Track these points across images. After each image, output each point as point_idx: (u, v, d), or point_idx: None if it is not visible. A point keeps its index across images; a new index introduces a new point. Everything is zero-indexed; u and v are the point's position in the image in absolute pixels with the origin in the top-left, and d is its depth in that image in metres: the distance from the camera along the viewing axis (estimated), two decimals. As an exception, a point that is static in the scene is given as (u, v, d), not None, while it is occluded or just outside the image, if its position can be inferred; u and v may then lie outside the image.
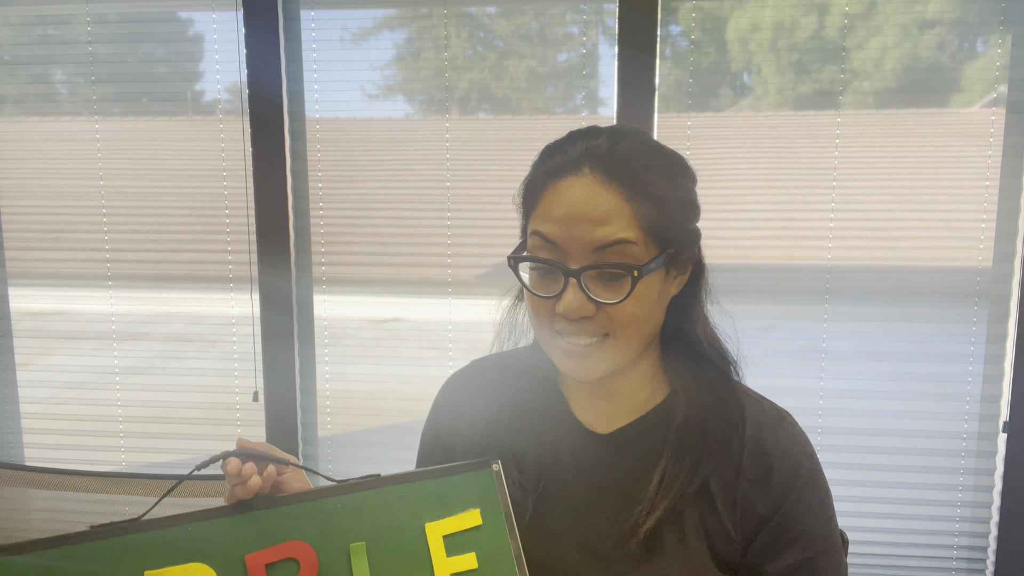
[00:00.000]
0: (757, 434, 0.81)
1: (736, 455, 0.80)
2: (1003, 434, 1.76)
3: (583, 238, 0.74)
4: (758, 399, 0.85)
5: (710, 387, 0.83)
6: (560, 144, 0.81)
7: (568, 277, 0.75)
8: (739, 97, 1.78)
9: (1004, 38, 1.67)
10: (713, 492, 0.79)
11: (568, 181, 0.76)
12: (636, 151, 0.77)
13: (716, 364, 0.84)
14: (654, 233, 0.76)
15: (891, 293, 1.77)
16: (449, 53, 1.82)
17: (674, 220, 0.77)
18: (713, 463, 0.80)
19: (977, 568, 1.82)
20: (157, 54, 1.91)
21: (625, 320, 0.76)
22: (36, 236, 2.01)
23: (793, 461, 0.80)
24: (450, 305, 1.90)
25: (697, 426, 0.81)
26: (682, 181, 0.80)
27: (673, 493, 0.78)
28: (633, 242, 0.74)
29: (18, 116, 1.97)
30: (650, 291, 0.77)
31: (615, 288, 0.75)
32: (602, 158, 0.76)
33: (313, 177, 1.91)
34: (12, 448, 2.06)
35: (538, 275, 0.79)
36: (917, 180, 1.74)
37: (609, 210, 0.74)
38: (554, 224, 0.76)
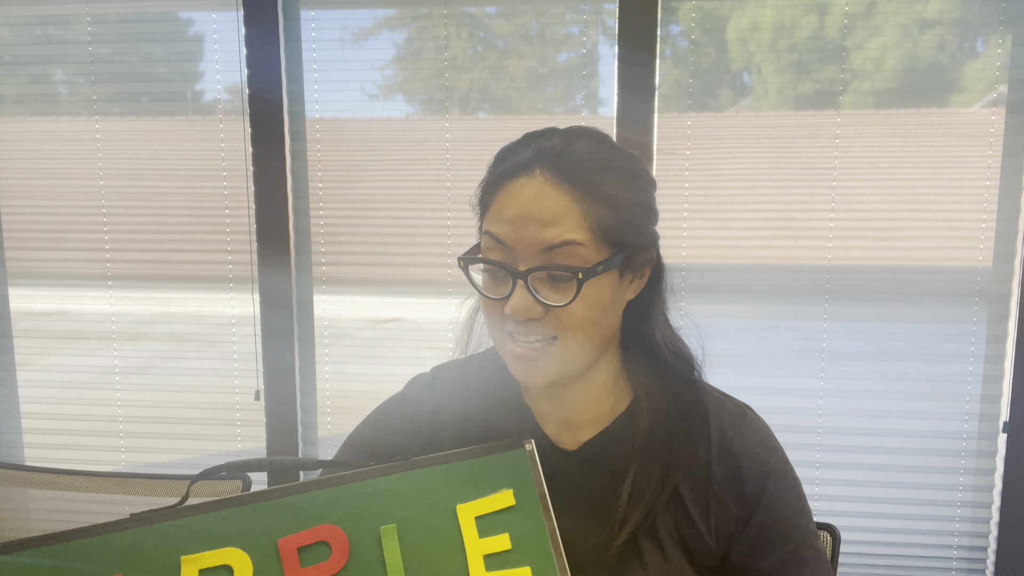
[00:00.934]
0: (722, 436, 0.81)
1: (704, 459, 0.80)
2: (1003, 434, 1.76)
3: (531, 239, 0.74)
4: (719, 398, 0.85)
5: (673, 392, 0.82)
6: (515, 145, 0.80)
7: (516, 279, 0.74)
8: (739, 97, 1.78)
9: (1004, 38, 1.67)
10: (685, 498, 0.79)
11: (520, 182, 0.76)
12: (590, 152, 0.77)
13: (677, 368, 0.83)
14: (605, 235, 0.75)
15: (891, 293, 1.77)
16: (449, 53, 1.82)
17: (627, 223, 0.76)
18: (682, 470, 0.79)
19: (977, 568, 1.82)
20: (157, 54, 1.91)
21: (574, 322, 0.75)
22: (36, 236, 2.01)
23: (761, 460, 0.80)
24: (450, 305, 1.90)
25: (662, 433, 0.80)
26: (638, 183, 0.79)
27: (644, 503, 0.78)
28: (581, 243, 0.73)
29: (18, 116, 1.97)
30: (600, 294, 0.76)
31: (563, 290, 0.74)
32: (554, 158, 0.75)
33: (313, 177, 1.91)
34: (12, 448, 2.06)
35: (489, 276, 0.78)
36: (917, 180, 1.74)
37: (558, 211, 0.73)
38: (504, 225, 0.75)
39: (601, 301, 0.76)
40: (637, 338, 0.83)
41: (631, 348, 0.84)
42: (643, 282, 0.82)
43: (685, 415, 0.81)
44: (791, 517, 0.80)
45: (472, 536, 0.68)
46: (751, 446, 0.81)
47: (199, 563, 0.65)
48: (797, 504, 0.81)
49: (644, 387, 0.83)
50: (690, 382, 0.84)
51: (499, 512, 0.69)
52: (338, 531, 0.67)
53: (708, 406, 0.83)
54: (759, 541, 0.79)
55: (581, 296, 0.73)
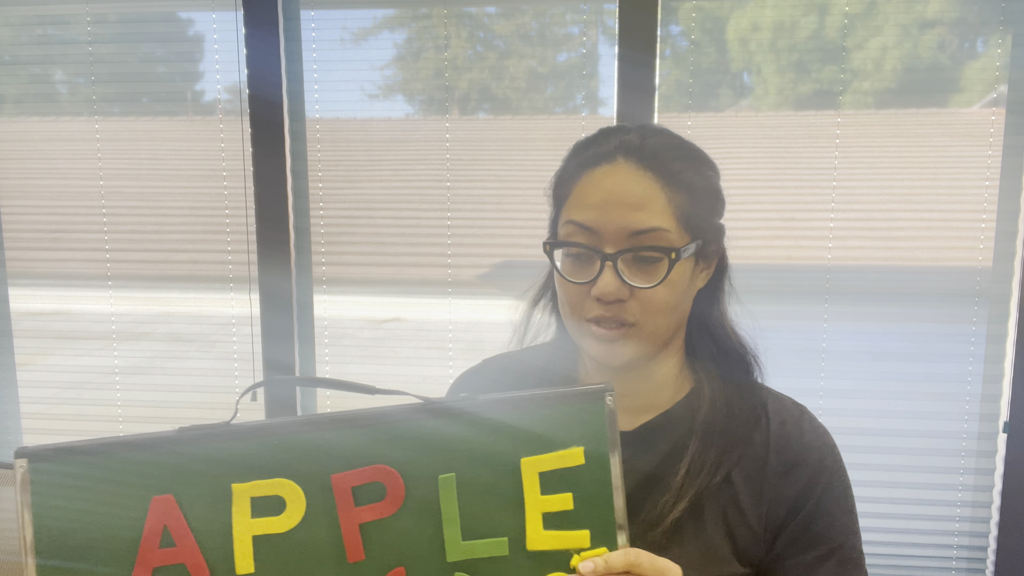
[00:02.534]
0: (781, 429, 0.83)
1: (761, 450, 0.82)
2: (1003, 434, 1.76)
3: (619, 223, 0.76)
4: (778, 395, 0.87)
5: (734, 382, 0.85)
6: (593, 138, 0.83)
7: (604, 261, 0.76)
8: (739, 97, 1.78)
9: (1004, 38, 1.67)
10: (736, 485, 0.81)
11: (603, 169, 0.78)
12: (666, 144, 0.80)
13: (739, 359, 0.86)
14: (686, 222, 0.77)
15: (891, 293, 1.77)
16: (449, 53, 1.82)
17: (704, 209, 0.80)
18: (736, 456, 0.81)
19: (977, 568, 1.82)
20: (157, 54, 1.91)
21: (655, 307, 0.77)
22: (36, 236, 2.01)
23: (818, 453, 0.82)
24: (450, 305, 1.90)
25: (721, 418, 0.82)
26: (709, 173, 0.82)
27: (699, 483, 0.79)
28: (667, 230, 0.76)
29: (18, 116, 1.97)
30: (681, 279, 0.78)
31: (650, 272, 0.76)
32: (635, 149, 0.78)
33: (313, 177, 1.91)
34: (12, 448, 2.06)
35: (572, 262, 0.80)
36: (917, 180, 1.74)
37: (645, 196, 0.76)
38: (590, 210, 0.77)
39: (681, 286, 0.79)
40: (704, 327, 0.86)
41: (697, 336, 0.86)
42: (711, 272, 0.84)
43: (744, 404, 0.83)
44: (840, 515, 0.81)
45: (534, 492, 0.65)
46: (809, 440, 0.83)
47: (251, 492, 0.63)
48: (846, 503, 0.82)
49: (706, 374, 0.85)
50: (749, 374, 0.86)
51: (566, 469, 0.65)
52: (395, 474, 0.64)
53: (767, 398, 0.85)
54: (805, 533, 0.80)
55: (666, 280, 0.76)
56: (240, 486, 0.63)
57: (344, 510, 0.64)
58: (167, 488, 0.63)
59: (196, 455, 0.63)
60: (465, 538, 0.64)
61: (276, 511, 0.64)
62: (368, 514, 0.64)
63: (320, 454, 0.64)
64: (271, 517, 0.64)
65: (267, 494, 0.64)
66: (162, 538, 0.62)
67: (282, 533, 0.63)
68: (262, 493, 0.64)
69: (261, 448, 0.64)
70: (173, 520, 0.63)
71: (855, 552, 0.82)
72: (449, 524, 0.64)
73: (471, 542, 0.64)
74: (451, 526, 0.64)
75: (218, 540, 0.63)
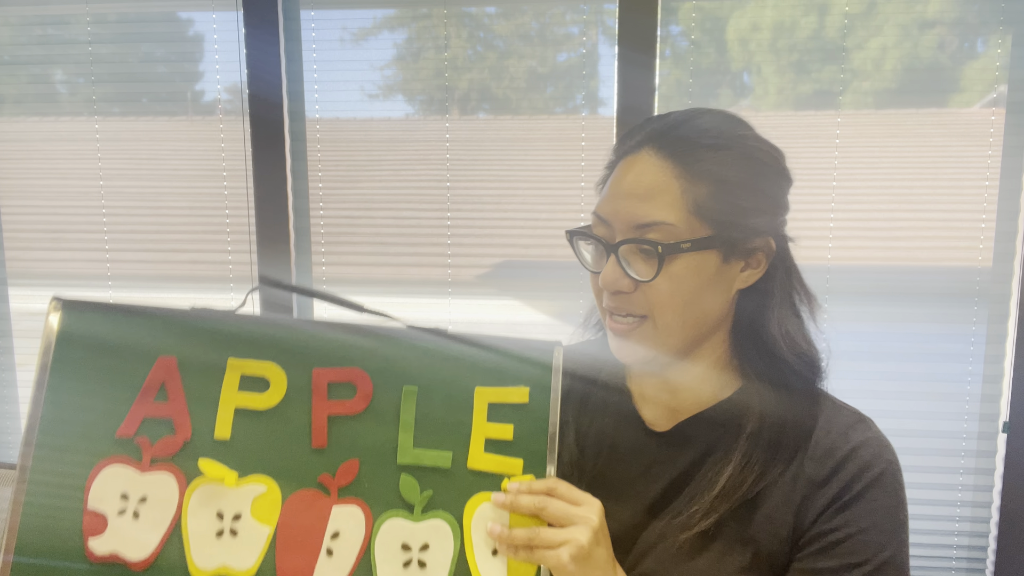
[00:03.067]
0: (826, 438, 0.77)
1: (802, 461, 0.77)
2: (1003, 434, 1.76)
3: (626, 214, 0.75)
4: (838, 405, 0.82)
5: (787, 392, 0.78)
6: (635, 127, 0.81)
7: (608, 252, 0.76)
8: (739, 97, 1.78)
9: (1004, 38, 1.67)
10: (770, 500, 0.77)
11: (627, 161, 0.77)
12: (707, 129, 0.76)
13: (796, 368, 0.79)
14: (703, 214, 0.74)
15: (891, 293, 1.77)
16: (449, 53, 1.82)
17: (731, 204, 0.75)
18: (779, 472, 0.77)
19: (977, 568, 1.82)
20: (157, 54, 1.91)
21: (662, 300, 0.75)
22: (36, 236, 2.01)
23: (860, 462, 0.76)
24: (450, 305, 1.90)
25: (769, 434, 0.77)
26: (757, 168, 0.77)
27: (735, 498, 0.76)
28: (671, 223, 0.73)
29: (18, 116, 1.97)
30: (694, 275, 0.74)
31: (650, 265, 0.74)
32: (661, 134, 0.76)
33: (313, 177, 1.91)
34: (12, 448, 2.06)
35: (591, 252, 0.81)
36: (917, 180, 1.74)
37: (654, 187, 0.74)
38: (607, 202, 0.77)
39: (695, 282, 0.75)
40: (750, 330, 0.80)
41: (743, 338, 0.81)
42: (759, 271, 0.79)
43: (796, 417, 0.78)
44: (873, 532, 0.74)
45: (481, 418, 0.72)
46: (855, 445, 0.77)
47: (243, 369, 0.72)
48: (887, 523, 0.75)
49: (755, 381, 0.79)
50: (808, 384, 0.80)
51: (511, 405, 0.72)
52: (366, 378, 0.72)
53: (821, 409, 0.80)
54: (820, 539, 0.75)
55: (668, 274, 0.73)
56: (235, 361, 0.72)
57: (318, 400, 0.71)
58: (172, 351, 0.72)
59: (202, 329, 0.72)
60: (416, 446, 0.71)
61: (260, 390, 0.72)
62: (337, 408, 0.71)
63: (307, 349, 0.73)
64: (255, 394, 0.71)
65: (255, 374, 0.72)
66: (158, 393, 0.71)
67: (261, 410, 0.71)
68: (251, 372, 0.72)
69: (258, 335, 0.72)
70: (171, 379, 0.71)
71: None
72: (404, 430, 0.71)
73: (420, 450, 0.71)
74: (406, 432, 0.71)
75: (205, 404, 0.71)
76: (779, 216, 0.81)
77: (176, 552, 0.69)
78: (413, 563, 0.69)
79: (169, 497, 0.69)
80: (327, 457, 0.71)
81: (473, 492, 0.71)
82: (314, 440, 0.71)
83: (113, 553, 0.68)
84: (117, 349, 0.72)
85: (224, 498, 0.69)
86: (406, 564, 0.69)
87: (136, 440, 0.70)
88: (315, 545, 0.70)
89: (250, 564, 0.69)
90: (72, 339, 0.71)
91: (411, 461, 0.71)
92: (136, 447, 0.70)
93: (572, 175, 1.81)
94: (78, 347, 0.71)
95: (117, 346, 0.72)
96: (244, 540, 0.69)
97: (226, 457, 0.70)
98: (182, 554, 0.69)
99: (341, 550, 0.69)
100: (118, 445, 0.70)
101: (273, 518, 0.70)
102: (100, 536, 0.69)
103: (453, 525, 0.70)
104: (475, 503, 0.71)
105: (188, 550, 0.69)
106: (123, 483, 0.69)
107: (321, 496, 0.70)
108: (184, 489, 0.70)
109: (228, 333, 0.73)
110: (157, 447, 0.70)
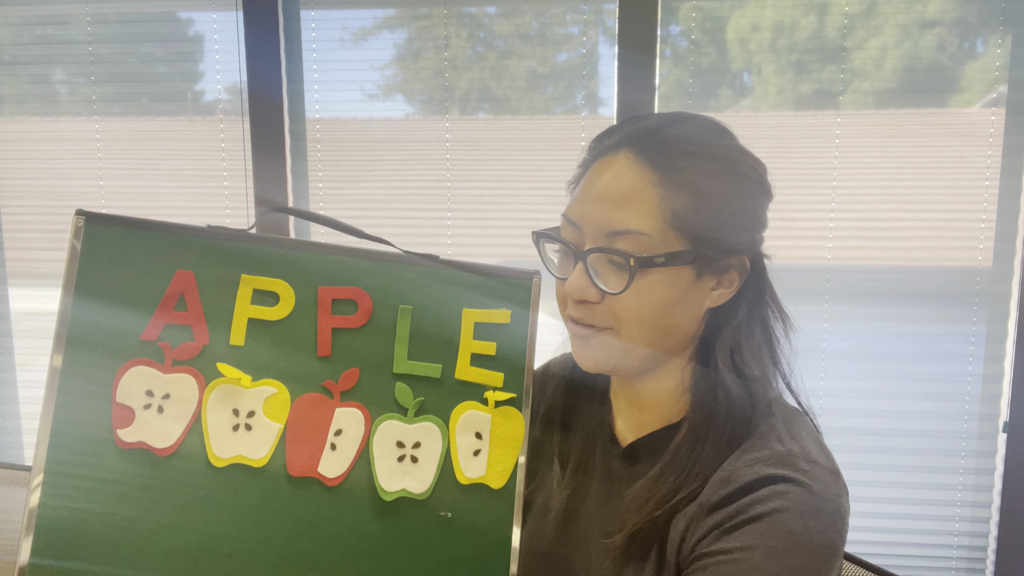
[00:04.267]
0: (732, 465, 0.71)
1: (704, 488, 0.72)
2: (1003, 434, 1.76)
3: (599, 220, 0.72)
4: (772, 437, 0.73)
5: (726, 412, 0.74)
6: (613, 126, 0.78)
7: (576, 259, 0.74)
8: (739, 97, 1.78)
9: (1004, 38, 1.67)
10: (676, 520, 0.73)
11: (603, 162, 0.74)
12: (688, 136, 0.72)
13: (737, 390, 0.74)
14: (679, 226, 0.70)
15: (891, 293, 1.77)
16: (449, 53, 1.82)
17: (709, 217, 0.70)
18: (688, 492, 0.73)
19: (977, 568, 1.82)
20: (157, 54, 1.91)
21: (629, 314, 0.72)
22: (36, 236, 2.01)
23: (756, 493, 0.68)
24: (450, 305, 1.89)
25: (688, 452, 0.74)
26: (738, 181, 0.72)
27: (643, 514, 0.74)
28: (646, 234, 0.69)
29: (18, 116, 1.97)
30: (665, 290, 0.71)
31: (621, 277, 0.71)
32: (641, 137, 0.72)
33: (313, 177, 1.91)
34: (12, 448, 2.06)
35: (560, 256, 0.80)
36: (917, 180, 1.74)
37: (630, 193, 0.70)
38: (578, 205, 0.75)
39: (664, 297, 0.71)
40: (704, 348, 0.77)
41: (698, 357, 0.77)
42: (730, 291, 0.75)
43: (718, 440, 0.73)
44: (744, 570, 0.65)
45: (468, 335, 0.80)
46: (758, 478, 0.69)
47: (254, 284, 0.78)
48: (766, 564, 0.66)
49: (694, 400, 0.76)
50: (748, 409, 0.74)
51: (494, 324, 0.81)
52: (366, 296, 0.80)
53: (752, 434, 0.73)
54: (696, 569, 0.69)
55: (638, 287, 0.70)
56: (248, 277, 0.78)
57: (323, 314, 0.79)
58: (190, 265, 0.78)
59: (217, 247, 0.79)
60: (410, 358, 0.80)
61: (271, 303, 0.79)
62: (340, 322, 0.79)
63: (314, 269, 0.80)
64: (266, 307, 0.78)
65: (266, 289, 0.79)
66: (177, 303, 0.77)
67: (272, 321, 0.78)
68: (262, 287, 0.79)
69: (269, 254, 0.79)
70: (189, 290, 0.77)
71: None
72: (400, 343, 0.79)
73: (413, 362, 0.79)
74: (401, 345, 0.79)
75: (221, 314, 0.78)
76: (757, 233, 0.76)
77: (197, 442, 0.76)
78: (407, 458, 0.79)
79: (190, 395, 0.76)
80: (331, 365, 0.79)
81: (460, 400, 0.80)
82: (319, 349, 0.79)
83: (140, 441, 0.75)
84: (138, 261, 0.77)
85: (239, 397, 0.77)
86: (400, 459, 0.78)
87: (159, 343, 0.76)
88: (320, 440, 0.78)
89: (263, 454, 0.77)
90: (97, 249, 0.77)
91: (405, 371, 0.79)
92: (159, 350, 0.76)
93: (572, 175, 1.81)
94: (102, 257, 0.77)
95: (138, 258, 0.77)
96: (257, 434, 0.77)
97: (240, 362, 0.77)
98: (202, 444, 0.76)
99: (343, 445, 0.78)
100: (142, 347, 0.76)
101: (283, 416, 0.78)
102: (128, 427, 0.75)
103: (442, 427, 0.79)
104: (461, 410, 0.80)
105: (208, 440, 0.76)
106: (148, 381, 0.76)
107: (325, 399, 0.78)
108: (203, 388, 0.77)
109: (241, 251, 0.79)
110: (178, 351, 0.77)
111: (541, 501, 0.89)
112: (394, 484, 0.78)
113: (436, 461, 0.78)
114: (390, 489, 0.78)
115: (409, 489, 0.78)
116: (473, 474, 0.79)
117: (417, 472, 0.78)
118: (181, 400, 0.76)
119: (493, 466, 0.79)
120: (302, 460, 0.77)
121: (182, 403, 0.76)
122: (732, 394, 0.74)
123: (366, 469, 0.78)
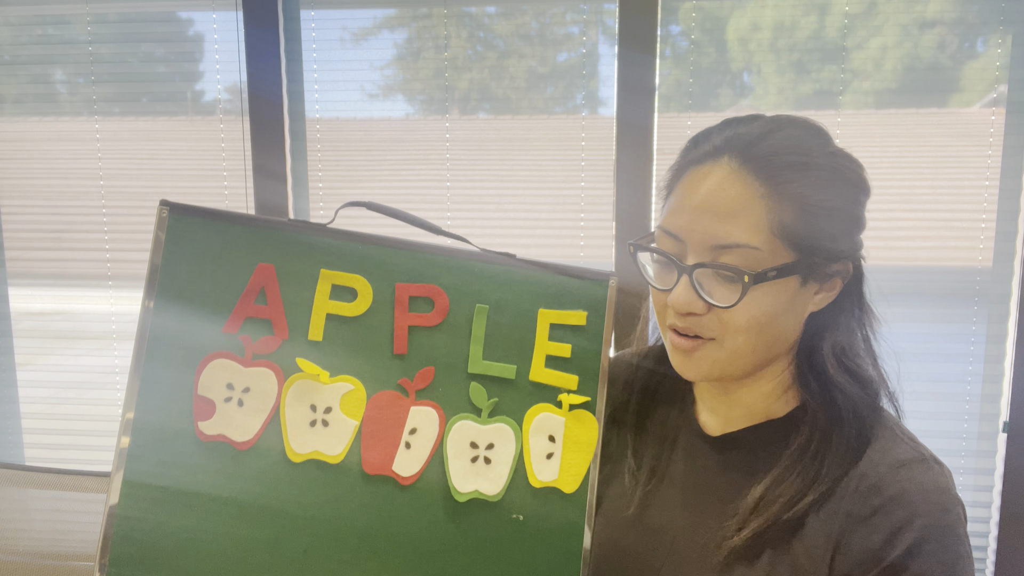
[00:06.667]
0: (874, 470, 0.71)
1: (841, 495, 0.72)
2: (1003, 434, 1.76)
3: (704, 233, 0.70)
4: (897, 436, 0.76)
5: (839, 415, 0.74)
6: (709, 130, 0.76)
7: (681, 273, 0.72)
8: (739, 97, 1.78)
9: (1004, 38, 1.67)
10: (809, 524, 0.72)
11: (704, 169, 0.72)
12: (791, 144, 0.71)
13: (851, 392, 0.75)
14: (787, 237, 0.69)
15: (891, 293, 1.76)
16: (449, 53, 1.82)
17: (816, 227, 0.70)
18: (818, 494, 0.72)
19: (977, 568, 1.82)
20: (157, 54, 1.91)
21: (737, 326, 0.71)
22: (36, 236, 2.01)
23: (910, 508, 0.69)
24: (450, 305, 1.89)
25: (814, 452, 0.73)
26: (842, 187, 0.72)
27: (768, 516, 0.72)
28: (755, 247, 0.69)
29: (18, 116, 1.97)
30: (773, 300, 0.71)
31: (729, 290, 0.70)
32: (746, 146, 0.70)
33: (313, 177, 1.91)
34: (12, 448, 2.06)
35: (658, 266, 0.77)
36: (917, 180, 1.74)
37: (737, 206, 0.69)
38: (679, 216, 0.72)
39: (772, 307, 0.71)
40: (808, 351, 0.77)
41: (804, 360, 0.77)
42: (832, 295, 0.76)
43: (845, 441, 0.73)
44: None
45: (543, 336, 0.80)
46: (905, 489, 0.70)
47: (334, 279, 0.79)
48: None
49: (811, 402, 0.76)
50: (866, 409, 0.76)
51: (570, 326, 0.80)
52: (444, 295, 0.80)
53: (875, 437, 0.74)
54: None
55: (748, 300, 0.69)
56: (327, 272, 0.79)
57: (400, 312, 0.79)
58: (271, 259, 0.79)
59: (298, 240, 0.80)
60: (485, 358, 0.80)
61: (349, 299, 0.79)
62: (417, 320, 0.80)
63: (392, 265, 0.81)
64: (344, 303, 0.79)
65: (345, 284, 0.80)
66: (258, 296, 0.78)
67: (350, 317, 0.79)
68: (341, 283, 0.79)
69: (348, 249, 0.81)
70: (270, 284, 0.78)
71: None
72: (475, 343, 0.80)
73: (488, 362, 0.80)
74: (476, 345, 0.80)
75: (300, 309, 0.78)
76: (859, 235, 0.76)
77: (275, 436, 0.77)
78: (480, 459, 0.78)
79: (269, 389, 0.77)
80: (407, 363, 0.79)
81: (533, 402, 0.80)
82: (395, 347, 0.79)
83: (220, 434, 0.76)
84: (220, 254, 0.78)
85: (317, 393, 0.77)
86: (473, 459, 0.78)
87: (239, 336, 0.77)
88: (395, 438, 0.78)
89: (339, 451, 0.77)
90: (179, 242, 0.77)
91: (480, 371, 0.79)
92: (239, 343, 0.77)
93: (572, 175, 1.81)
94: (185, 250, 0.77)
95: (220, 251, 0.78)
96: (334, 430, 0.77)
97: (318, 357, 0.78)
98: (280, 439, 0.77)
99: (418, 444, 0.78)
100: (223, 340, 0.77)
101: (359, 413, 0.78)
102: (209, 420, 0.76)
103: (515, 429, 0.79)
104: (534, 412, 0.80)
105: (286, 435, 0.77)
106: (228, 375, 0.77)
107: (401, 397, 0.79)
108: (282, 383, 0.77)
109: (321, 245, 0.80)
110: (258, 344, 0.77)
111: (613, 498, 0.86)
112: (467, 485, 0.78)
113: (509, 463, 0.78)
114: (463, 490, 0.77)
115: (482, 490, 0.78)
116: (546, 477, 0.78)
117: (490, 473, 0.78)
118: (260, 394, 0.77)
119: (566, 470, 0.79)
120: (377, 458, 0.77)
121: (261, 397, 0.77)
122: (850, 395, 0.75)
123: (439, 469, 0.78)
